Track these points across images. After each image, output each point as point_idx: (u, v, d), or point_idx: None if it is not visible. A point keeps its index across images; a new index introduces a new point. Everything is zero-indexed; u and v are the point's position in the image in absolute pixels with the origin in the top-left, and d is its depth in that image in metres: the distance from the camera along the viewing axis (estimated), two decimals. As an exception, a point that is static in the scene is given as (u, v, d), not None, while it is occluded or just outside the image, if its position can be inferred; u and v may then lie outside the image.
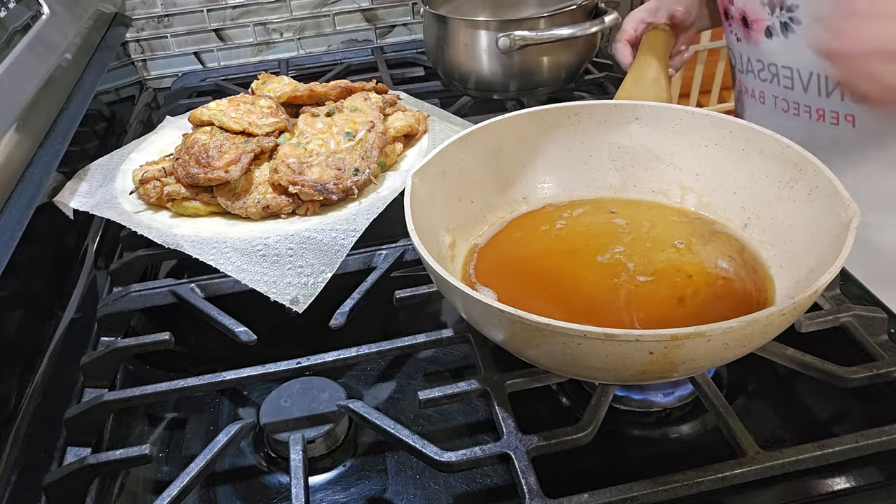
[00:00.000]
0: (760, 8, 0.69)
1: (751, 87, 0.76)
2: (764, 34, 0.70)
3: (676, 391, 0.49)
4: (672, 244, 0.55)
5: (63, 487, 0.45)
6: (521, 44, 0.81)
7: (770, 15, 0.68)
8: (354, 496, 0.46)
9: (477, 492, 0.45)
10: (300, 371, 0.50)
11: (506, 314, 0.39)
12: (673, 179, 0.59)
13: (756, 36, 0.72)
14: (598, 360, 0.39)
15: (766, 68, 0.72)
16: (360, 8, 1.09)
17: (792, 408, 0.50)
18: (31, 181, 0.59)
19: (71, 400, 0.53)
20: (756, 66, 0.74)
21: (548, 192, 0.61)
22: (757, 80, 0.75)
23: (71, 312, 0.61)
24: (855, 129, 0.67)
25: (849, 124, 0.67)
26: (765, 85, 0.74)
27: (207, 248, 0.60)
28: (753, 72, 0.75)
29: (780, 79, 0.71)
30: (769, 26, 0.69)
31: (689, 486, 0.40)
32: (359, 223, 0.61)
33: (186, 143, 0.68)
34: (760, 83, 0.74)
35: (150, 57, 1.08)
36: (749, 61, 0.75)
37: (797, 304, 0.38)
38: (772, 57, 0.71)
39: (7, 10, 0.68)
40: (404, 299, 0.55)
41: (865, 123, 0.66)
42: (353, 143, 0.68)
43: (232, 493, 0.47)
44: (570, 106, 0.59)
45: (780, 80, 0.71)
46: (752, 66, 0.75)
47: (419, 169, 0.53)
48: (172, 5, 1.04)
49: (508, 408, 0.45)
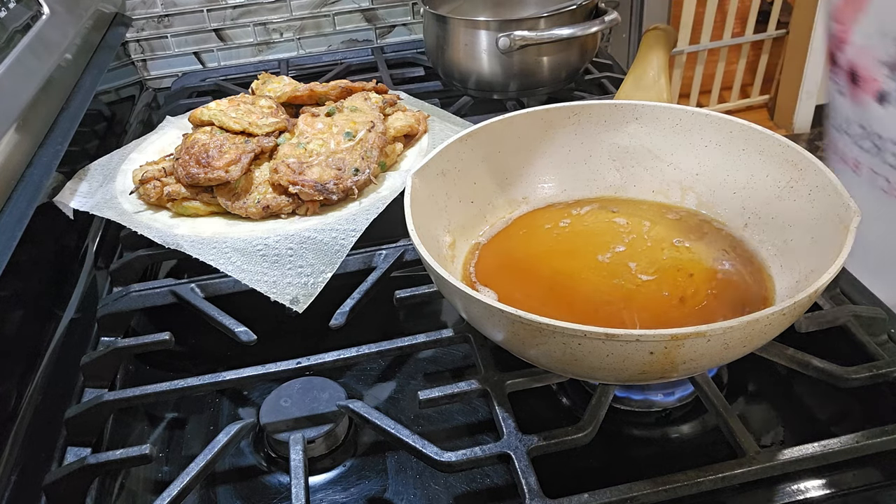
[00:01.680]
0: (877, 67, 0.57)
1: (844, 150, 0.64)
2: (875, 98, 0.59)
3: (677, 391, 0.49)
4: (672, 244, 0.55)
5: (63, 487, 0.45)
6: (521, 44, 0.81)
7: (888, 77, 0.56)
8: (354, 496, 0.46)
9: (477, 492, 0.45)
10: (300, 371, 0.50)
11: (506, 314, 0.39)
12: (673, 179, 0.59)
13: (864, 97, 0.60)
14: (599, 360, 0.39)
15: (868, 136, 0.61)
16: (360, 8, 1.09)
17: (792, 408, 0.50)
18: (31, 181, 0.59)
19: (71, 400, 0.53)
20: (856, 132, 0.62)
21: (548, 192, 0.61)
22: (854, 145, 0.63)
23: (71, 312, 0.61)
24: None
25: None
26: (864, 155, 0.62)
27: (207, 248, 0.60)
28: (851, 136, 0.63)
29: (884, 154, 0.59)
30: (883, 92, 0.57)
31: (689, 486, 0.40)
32: (359, 223, 0.61)
33: (186, 143, 0.68)
34: (859, 151, 0.62)
35: (150, 57, 1.08)
36: (848, 122, 0.63)
37: (797, 304, 0.38)
38: (880, 127, 0.59)
39: (7, 10, 0.68)
40: (404, 299, 0.55)
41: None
42: (354, 143, 0.68)
43: (232, 493, 0.47)
44: (570, 106, 0.59)
45: (886, 157, 0.59)
46: (850, 127, 0.63)
47: (419, 169, 0.53)
48: (172, 5, 1.04)
49: (508, 408, 0.45)
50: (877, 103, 0.58)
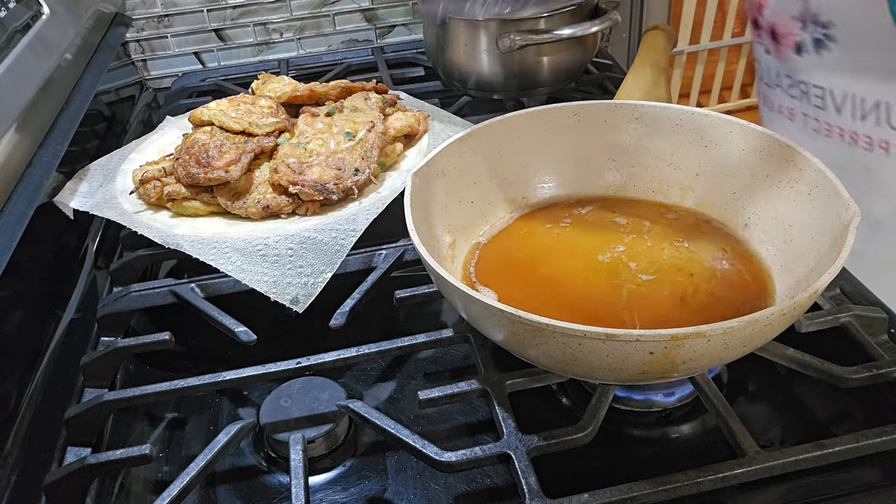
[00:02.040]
0: (791, 22, 0.65)
1: (778, 102, 0.72)
2: (794, 50, 0.66)
3: (677, 391, 0.49)
4: (673, 243, 0.55)
5: (63, 487, 0.45)
6: (521, 44, 0.81)
7: (801, 30, 0.64)
8: (354, 496, 0.46)
9: (477, 492, 0.45)
10: (300, 371, 0.50)
11: (506, 314, 0.39)
12: (673, 179, 0.59)
13: (785, 51, 0.67)
14: (598, 360, 0.39)
15: (795, 85, 0.68)
16: (360, 8, 1.09)
17: (792, 408, 0.50)
18: (31, 181, 0.59)
19: (71, 400, 0.53)
20: (785, 82, 0.69)
21: (548, 192, 0.61)
22: (786, 95, 0.70)
23: (71, 312, 0.61)
24: (889, 156, 0.63)
25: (882, 151, 0.63)
26: (794, 102, 0.69)
27: (207, 248, 0.60)
28: (782, 86, 0.70)
29: (810, 97, 0.67)
30: (799, 42, 0.65)
31: (689, 486, 0.40)
32: (359, 223, 0.61)
33: (186, 143, 0.68)
34: (790, 99, 0.70)
35: (150, 57, 1.08)
36: (778, 76, 0.70)
37: (797, 304, 0.38)
38: (802, 74, 0.66)
39: (7, 10, 0.68)
40: (404, 299, 0.55)
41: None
42: (354, 143, 0.68)
43: (232, 493, 0.47)
44: (570, 106, 0.59)
45: (811, 99, 0.67)
46: (780, 80, 0.70)
47: (419, 169, 0.53)
48: (172, 5, 1.04)
49: (508, 408, 0.45)
50: (796, 54, 0.66)
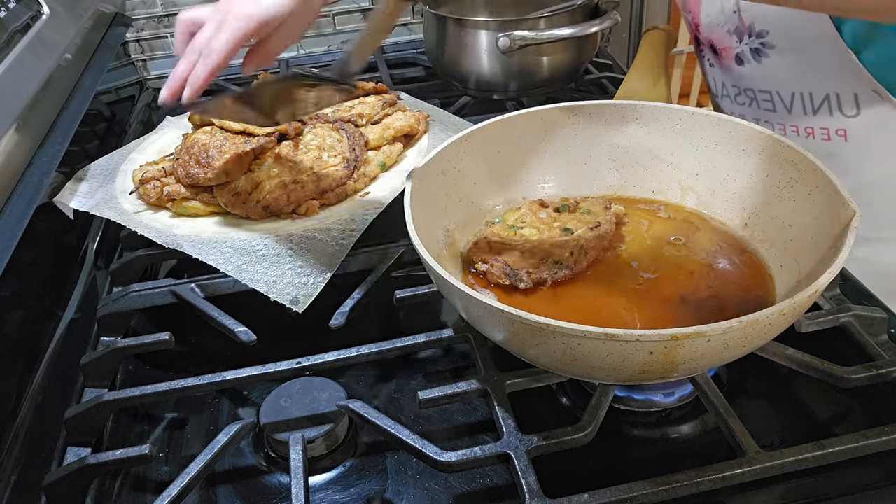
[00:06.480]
0: (727, 37, 0.67)
1: (729, 111, 0.73)
2: (735, 61, 0.68)
3: (677, 391, 0.49)
4: (673, 243, 0.55)
5: (63, 487, 0.45)
6: (521, 44, 0.81)
7: (738, 43, 0.66)
8: (354, 496, 0.46)
9: (477, 492, 0.45)
10: (300, 371, 0.50)
11: (506, 314, 0.39)
12: (673, 179, 0.59)
13: (727, 63, 0.69)
14: (598, 360, 0.39)
15: (742, 93, 0.70)
16: (360, 8, 1.09)
17: (792, 408, 0.50)
18: (31, 181, 0.59)
19: (71, 400, 0.53)
20: (732, 91, 0.71)
21: (548, 192, 0.61)
22: (734, 104, 0.72)
23: (71, 312, 0.61)
24: (848, 142, 0.65)
25: (840, 139, 0.65)
26: (744, 109, 0.71)
27: (207, 248, 0.60)
28: (730, 96, 0.72)
29: (759, 102, 0.69)
30: (738, 54, 0.67)
31: (689, 486, 0.40)
32: (359, 223, 0.61)
33: (186, 143, 0.68)
34: (739, 107, 0.72)
35: (150, 57, 1.08)
36: (724, 86, 0.72)
37: (797, 304, 0.38)
38: (747, 82, 0.69)
39: (7, 10, 0.68)
40: (404, 299, 0.55)
41: (858, 135, 0.64)
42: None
43: (232, 493, 0.47)
44: (570, 106, 0.59)
45: (760, 104, 0.69)
46: (727, 90, 0.72)
47: (419, 169, 0.53)
48: (172, 5, 1.04)
49: (508, 408, 0.45)
50: (737, 65, 0.68)
